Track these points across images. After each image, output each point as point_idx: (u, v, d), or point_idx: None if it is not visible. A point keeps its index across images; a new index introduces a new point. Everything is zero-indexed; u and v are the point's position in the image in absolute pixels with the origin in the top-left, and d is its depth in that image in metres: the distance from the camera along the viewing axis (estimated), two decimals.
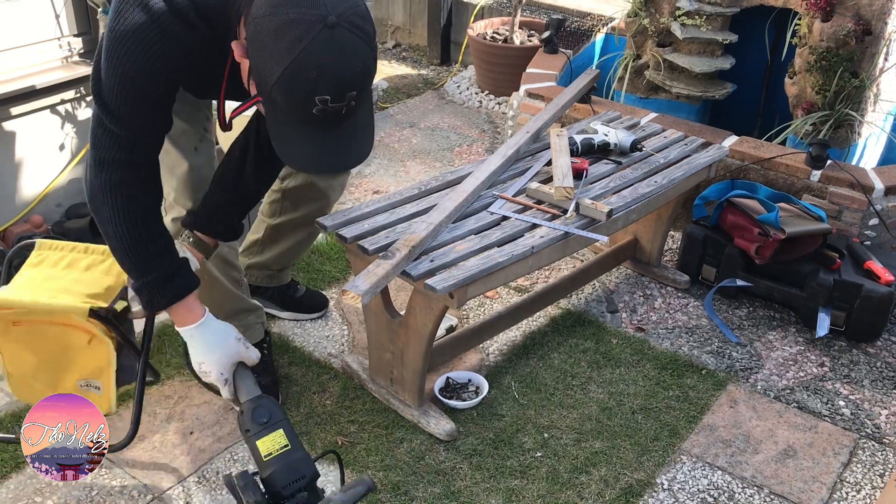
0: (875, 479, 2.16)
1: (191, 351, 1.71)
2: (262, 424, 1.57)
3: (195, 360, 1.71)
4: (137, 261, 1.67)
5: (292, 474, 1.53)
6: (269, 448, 1.55)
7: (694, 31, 3.34)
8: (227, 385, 1.68)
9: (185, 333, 1.71)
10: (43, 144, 3.02)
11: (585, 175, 2.44)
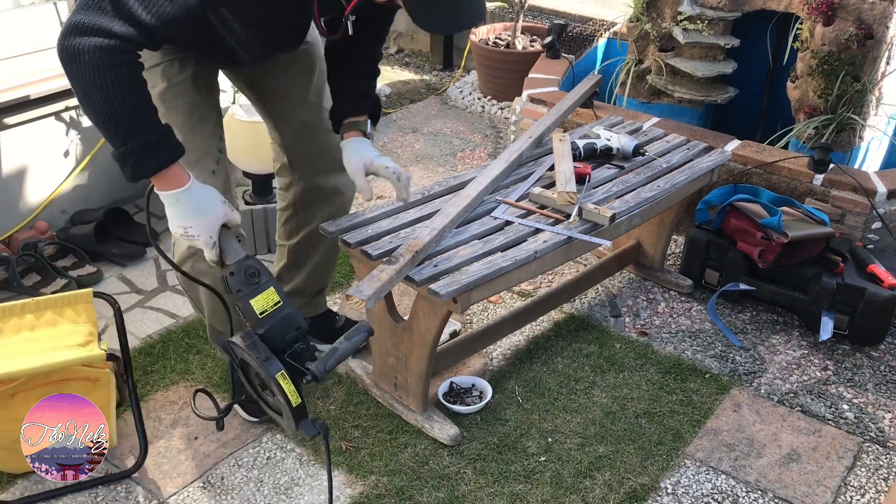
0: (879, 482, 2.16)
1: (175, 216, 1.66)
2: (254, 284, 1.59)
3: (180, 225, 1.66)
4: (124, 127, 1.58)
5: (289, 328, 1.60)
6: (263, 306, 1.59)
7: (696, 35, 3.35)
8: (214, 248, 1.66)
9: (171, 198, 1.65)
10: (47, 151, 3.03)
11: (588, 180, 2.45)
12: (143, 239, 3.07)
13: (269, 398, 1.66)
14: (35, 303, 2.10)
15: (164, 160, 1.62)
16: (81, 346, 2.03)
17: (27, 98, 2.87)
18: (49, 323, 2.10)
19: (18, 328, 2.08)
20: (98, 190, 3.23)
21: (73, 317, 2.13)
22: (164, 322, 2.68)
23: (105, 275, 2.91)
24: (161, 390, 2.39)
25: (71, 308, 2.13)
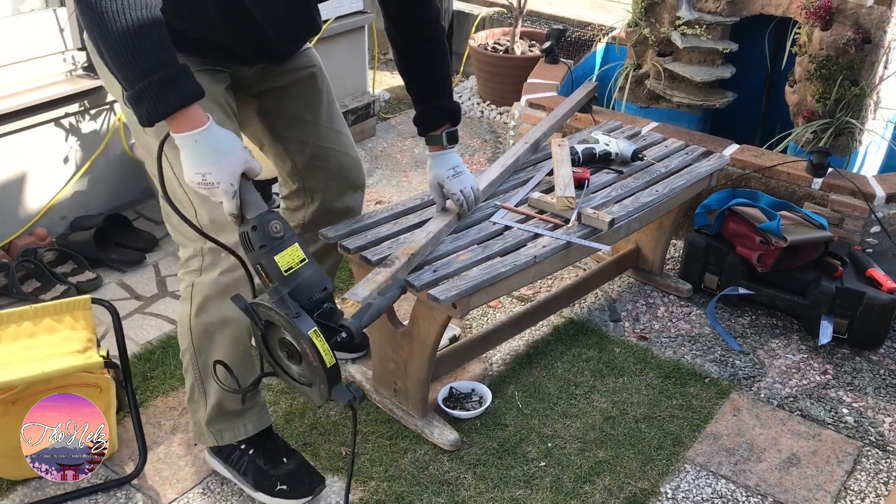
0: (879, 487, 2.16)
1: (193, 160, 1.50)
2: (278, 238, 1.48)
3: (197, 172, 1.50)
4: (142, 59, 1.44)
5: (316, 286, 1.49)
6: (288, 262, 1.48)
7: (694, 40, 3.36)
8: (235, 197, 1.51)
9: (188, 140, 1.49)
10: (47, 157, 3.03)
11: (587, 185, 2.45)
12: (142, 245, 3.07)
13: (295, 368, 1.53)
14: (33, 310, 2.10)
15: (186, 97, 1.47)
16: (80, 353, 2.03)
17: (26, 105, 2.88)
18: (47, 330, 2.10)
19: (17, 335, 2.07)
20: (97, 196, 3.23)
21: (72, 323, 2.13)
22: (163, 328, 2.68)
23: (104, 281, 2.91)
24: (161, 396, 2.39)
25: (69, 315, 2.13)
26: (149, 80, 1.43)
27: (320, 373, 1.45)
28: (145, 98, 1.45)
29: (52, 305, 2.12)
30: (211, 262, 1.83)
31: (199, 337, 1.90)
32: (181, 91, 1.46)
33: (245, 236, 1.50)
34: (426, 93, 2.08)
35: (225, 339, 1.90)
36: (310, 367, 1.47)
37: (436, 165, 2.11)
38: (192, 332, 1.89)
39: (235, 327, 1.89)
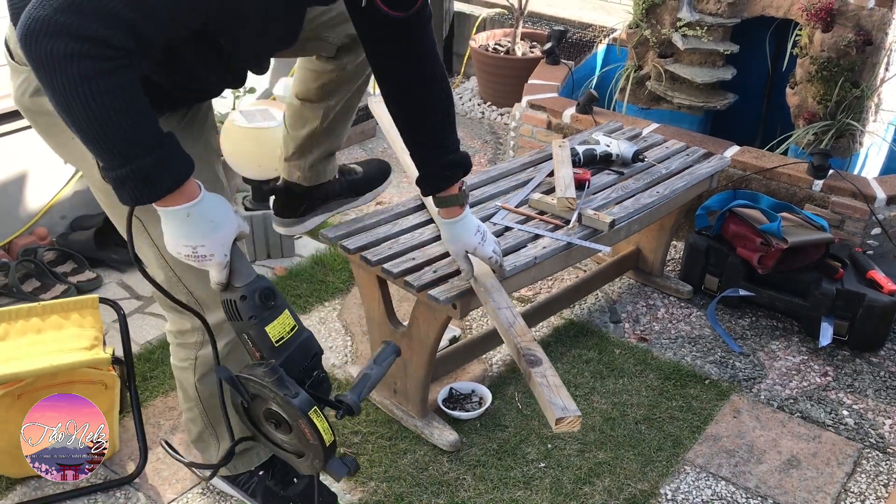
0: (879, 488, 2.16)
1: (182, 234, 1.35)
2: (269, 308, 1.39)
3: (188, 244, 1.35)
4: (120, 147, 1.25)
5: (306, 354, 1.43)
6: (279, 332, 1.40)
7: (695, 41, 3.36)
8: (226, 268, 1.40)
9: (179, 214, 1.33)
10: (47, 157, 3.02)
11: (587, 186, 2.45)
12: None
13: (281, 436, 1.44)
14: (41, 306, 2.11)
15: (177, 178, 1.31)
16: (87, 350, 2.03)
17: None
18: (55, 326, 2.11)
19: (24, 331, 2.08)
20: None
21: (79, 321, 2.13)
22: (163, 328, 2.65)
23: (104, 280, 2.91)
24: (160, 396, 2.39)
25: (77, 312, 2.14)
26: (130, 167, 1.25)
27: (318, 450, 1.39)
28: (128, 183, 1.27)
29: (61, 303, 2.13)
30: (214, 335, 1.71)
31: (207, 398, 1.85)
32: (171, 173, 1.30)
33: (232, 304, 1.40)
34: (434, 146, 1.81)
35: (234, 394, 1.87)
36: (304, 443, 1.41)
37: (461, 233, 1.87)
38: (200, 395, 1.85)
39: None
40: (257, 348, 1.41)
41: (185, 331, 1.77)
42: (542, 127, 3.47)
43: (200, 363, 1.80)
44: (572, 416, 1.53)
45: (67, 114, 1.22)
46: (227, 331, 1.72)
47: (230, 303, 1.40)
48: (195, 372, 1.81)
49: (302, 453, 1.43)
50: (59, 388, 1.98)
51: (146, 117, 1.27)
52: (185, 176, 1.32)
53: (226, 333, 1.73)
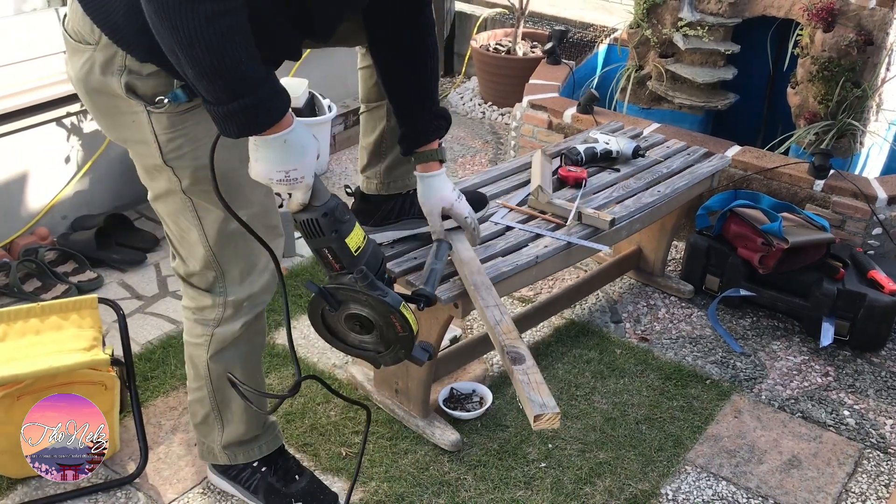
0: (880, 489, 2.16)
1: (277, 159, 1.43)
2: (346, 221, 1.53)
3: (280, 169, 1.44)
4: (234, 83, 1.35)
5: (378, 259, 1.59)
6: (357, 242, 1.55)
7: (696, 41, 3.36)
8: (310, 189, 1.50)
9: (277, 141, 1.43)
10: (48, 157, 3.03)
11: (585, 184, 2.45)
12: (143, 245, 3.07)
13: (362, 338, 1.60)
14: (40, 307, 2.11)
15: (278, 114, 1.41)
16: (86, 351, 2.04)
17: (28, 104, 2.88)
18: (54, 327, 2.11)
19: (23, 331, 2.08)
20: (99, 196, 3.23)
21: (79, 321, 2.14)
22: (164, 328, 2.68)
23: (105, 281, 2.91)
24: (161, 396, 2.39)
25: (76, 313, 2.14)
26: (242, 101, 1.36)
27: (407, 340, 1.56)
28: (236, 118, 1.38)
29: (59, 304, 2.13)
30: (233, 314, 1.78)
31: (217, 378, 1.87)
32: (276, 106, 1.40)
33: (314, 223, 1.51)
34: (420, 99, 1.86)
35: (245, 372, 1.88)
36: (392, 338, 1.57)
37: (438, 187, 1.90)
38: (211, 373, 1.87)
39: (252, 362, 1.88)
40: (337, 260, 1.54)
41: (205, 307, 1.79)
42: (543, 127, 3.47)
43: (216, 340, 1.81)
44: (551, 413, 1.54)
45: (187, 53, 1.31)
46: (248, 310, 1.79)
47: (312, 221, 1.51)
48: (209, 349, 1.83)
49: (381, 350, 1.59)
50: (59, 389, 1.98)
51: (254, 55, 1.35)
52: (286, 109, 1.42)
53: (246, 312, 1.79)
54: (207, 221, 1.67)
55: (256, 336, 1.87)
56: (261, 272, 1.76)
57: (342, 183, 3.67)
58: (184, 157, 1.58)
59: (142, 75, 1.50)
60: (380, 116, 2.08)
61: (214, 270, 1.73)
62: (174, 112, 1.53)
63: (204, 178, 1.59)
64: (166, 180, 1.63)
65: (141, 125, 1.55)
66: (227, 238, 1.69)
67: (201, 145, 1.57)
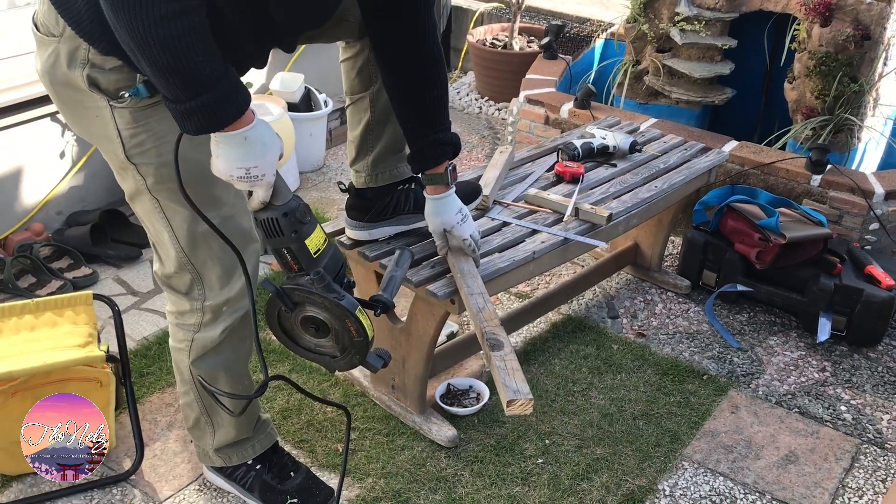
0: (877, 484, 2.16)
1: (238, 157, 1.42)
2: (306, 223, 1.53)
3: (242, 166, 1.43)
4: (192, 81, 1.34)
5: (337, 263, 1.58)
6: (316, 245, 1.54)
7: (693, 36, 3.35)
8: (271, 187, 1.49)
9: (237, 138, 1.42)
10: (43, 152, 3.02)
11: (582, 180, 2.44)
12: (138, 241, 3.06)
13: (317, 340, 1.60)
14: (35, 303, 2.10)
15: (240, 108, 1.40)
16: (81, 347, 2.03)
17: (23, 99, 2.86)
18: (49, 323, 2.10)
19: (18, 328, 2.07)
20: (94, 191, 3.22)
21: (73, 318, 2.13)
22: (159, 324, 2.67)
23: (101, 276, 2.90)
24: (157, 392, 2.38)
25: (71, 309, 2.13)
26: (200, 100, 1.35)
27: (361, 345, 1.55)
28: (196, 116, 1.37)
29: (54, 300, 2.12)
30: (212, 319, 1.77)
31: (202, 382, 1.87)
32: (235, 103, 1.39)
33: (274, 222, 1.50)
34: (425, 123, 1.85)
35: (230, 379, 1.87)
36: (347, 342, 1.55)
37: (442, 210, 1.93)
38: (194, 378, 1.86)
39: (236, 366, 1.86)
40: (296, 261, 1.53)
41: (185, 311, 1.78)
42: (540, 122, 3.46)
43: (196, 345, 1.80)
44: (524, 399, 1.56)
45: (143, 52, 1.30)
46: (227, 315, 1.76)
47: (272, 220, 1.50)
48: (190, 354, 1.82)
49: (336, 354, 1.58)
50: (54, 386, 1.97)
51: (212, 54, 1.34)
52: (245, 105, 1.40)
53: (225, 317, 1.76)
54: (176, 222, 1.65)
55: (242, 343, 1.85)
56: (239, 276, 1.73)
57: (337, 178, 3.66)
58: (146, 153, 1.56)
59: (104, 69, 1.48)
60: (364, 108, 2.06)
61: (190, 273, 1.71)
62: (136, 107, 1.51)
63: (168, 177, 1.57)
64: (132, 179, 1.61)
65: (104, 120, 1.53)
66: (197, 240, 1.67)
67: (165, 142, 1.55)
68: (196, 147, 1.54)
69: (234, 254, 1.57)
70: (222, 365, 1.83)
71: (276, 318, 1.59)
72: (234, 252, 1.57)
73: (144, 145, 1.55)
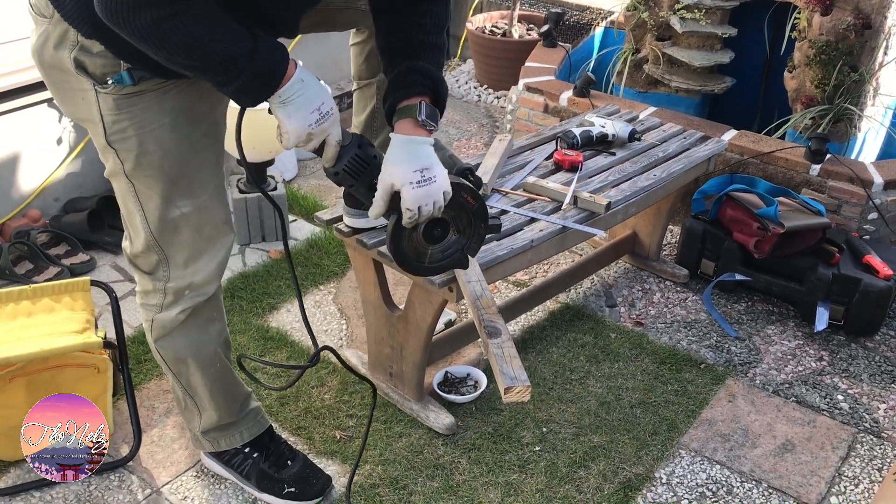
0: (873, 472, 2.16)
1: (305, 103, 1.42)
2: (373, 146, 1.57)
3: (313, 111, 1.42)
4: (225, 69, 1.36)
5: None
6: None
7: (693, 24, 3.33)
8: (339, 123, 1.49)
9: (295, 86, 1.41)
10: (40, 138, 3.01)
11: (580, 168, 2.44)
12: None
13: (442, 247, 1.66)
14: (32, 289, 2.09)
15: (283, 66, 1.40)
16: (78, 333, 2.02)
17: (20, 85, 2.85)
18: (46, 309, 2.09)
19: (15, 314, 2.07)
20: (91, 178, 3.21)
21: (71, 304, 2.12)
22: None
23: (98, 263, 2.89)
24: (154, 379, 2.38)
25: (68, 295, 2.12)
26: (243, 77, 1.37)
27: (480, 211, 1.63)
28: (247, 91, 1.39)
29: (51, 286, 2.11)
30: (173, 301, 1.76)
31: (172, 363, 1.87)
32: (277, 64, 1.39)
33: (357, 159, 1.52)
34: (405, 53, 1.57)
35: (201, 362, 1.86)
36: (467, 221, 1.63)
37: (398, 159, 1.50)
38: (164, 359, 1.86)
39: (205, 349, 1.85)
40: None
41: (149, 291, 1.78)
42: (539, 110, 3.45)
43: (157, 325, 1.80)
44: (521, 386, 1.56)
45: (170, 59, 1.34)
46: (189, 298, 1.76)
47: (356, 158, 1.51)
48: (152, 333, 1.83)
49: (464, 241, 1.66)
50: (51, 372, 1.97)
51: (232, 32, 1.34)
52: (286, 60, 1.40)
53: (186, 300, 1.76)
54: (149, 207, 1.65)
55: (210, 324, 1.83)
56: (207, 262, 1.74)
57: None
58: (127, 140, 1.56)
59: (91, 53, 1.47)
60: (370, 94, 2.06)
61: (157, 255, 1.72)
62: (119, 94, 1.51)
63: (147, 164, 1.58)
64: (112, 161, 1.62)
65: (89, 103, 1.53)
66: (167, 225, 1.67)
67: (146, 131, 1.54)
68: (175, 132, 1.55)
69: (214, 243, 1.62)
70: (190, 347, 1.83)
71: (404, 251, 1.62)
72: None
73: (126, 132, 1.55)
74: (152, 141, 1.55)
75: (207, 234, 1.70)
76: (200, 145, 1.63)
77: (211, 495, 2.03)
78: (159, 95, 1.52)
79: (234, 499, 2.02)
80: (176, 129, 1.57)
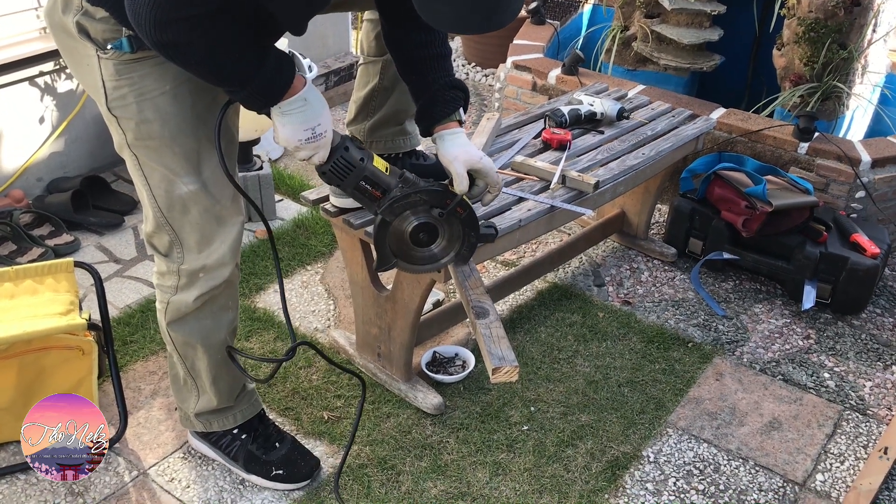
0: (859, 450, 2.18)
1: (302, 120, 1.53)
2: (363, 150, 1.65)
3: (308, 127, 1.54)
4: (238, 76, 1.46)
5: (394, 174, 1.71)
6: (382, 164, 1.68)
7: (682, 2, 3.31)
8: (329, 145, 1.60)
9: (297, 102, 1.52)
10: (22, 118, 2.97)
11: (569, 147, 2.43)
12: (121, 208, 3.02)
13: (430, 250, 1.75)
14: (14, 271, 2.07)
15: (290, 78, 1.51)
16: (62, 315, 2.00)
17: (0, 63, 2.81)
18: (29, 291, 2.07)
19: None
20: (75, 157, 3.17)
21: (54, 285, 2.10)
22: (142, 291, 2.65)
23: (82, 244, 2.87)
24: (140, 360, 2.37)
25: (52, 277, 2.10)
26: (252, 86, 1.47)
27: (470, 220, 1.70)
28: (254, 99, 1.50)
29: (34, 267, 2.09)
30: (187, 283, 1.75)
31: (181, 346, 1.86)
32: (283, 76, 1.49)
33: (342, 160, 1.61)
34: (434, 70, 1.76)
35: (209, 349, 1.85)
36: (457, 229, 1.71)
37: (464, 143, 1.76)
38: (173, 341, 1.85)
39: (214, 337, 1.84)
40: (376, 186, 1.65)
41: (164, 272, 1.77)
42: (528, 88, 3.43)
43: (171, 308, 1.79)
44: (509, 367, 1.57)
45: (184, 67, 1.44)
46: (203, 281, 1.75)
47: (340, 160, 1.62)
48: (166, 315, 1.81)
49: (454, 247, 1.74)
50: (35, 354, 1.95)
51: (243, 44, 1.44)
52: (293, 73, 1.52)
53: (201, 284, 1.75)
54: (154, 181, 1.65)
55: (223, 312, 1.82)
56: (219, 244, 1.72)
57: None
58: (128, 107, 1.56)
59: (94, 18, 1.48)
60: (374, 72, 2.05)
61: (168, 234, 1.71)
62: (119, 60, 1.52)
63: (147, 134, 1.58)
64: (116, 132, 1.62)
65: (92, 69, 1.54)
66: (175, 202, 1.66)
67: (146, 99, 1.55)
68: (177, 100, 1.55)
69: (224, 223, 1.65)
70: (201, 332, 1.82)
71: (390, 248, 1.70)
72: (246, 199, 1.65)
73: (126, 99, 1.55)
74: (151, 108, 1.55)
75: (216, 214, 1.69)
76: (204, 117, 1.62)
77: (198, 476, 2.03)
78: (161, 62, 1.52)
79: (222, 480, 2.02)
80: (178, 98, 1.57)
